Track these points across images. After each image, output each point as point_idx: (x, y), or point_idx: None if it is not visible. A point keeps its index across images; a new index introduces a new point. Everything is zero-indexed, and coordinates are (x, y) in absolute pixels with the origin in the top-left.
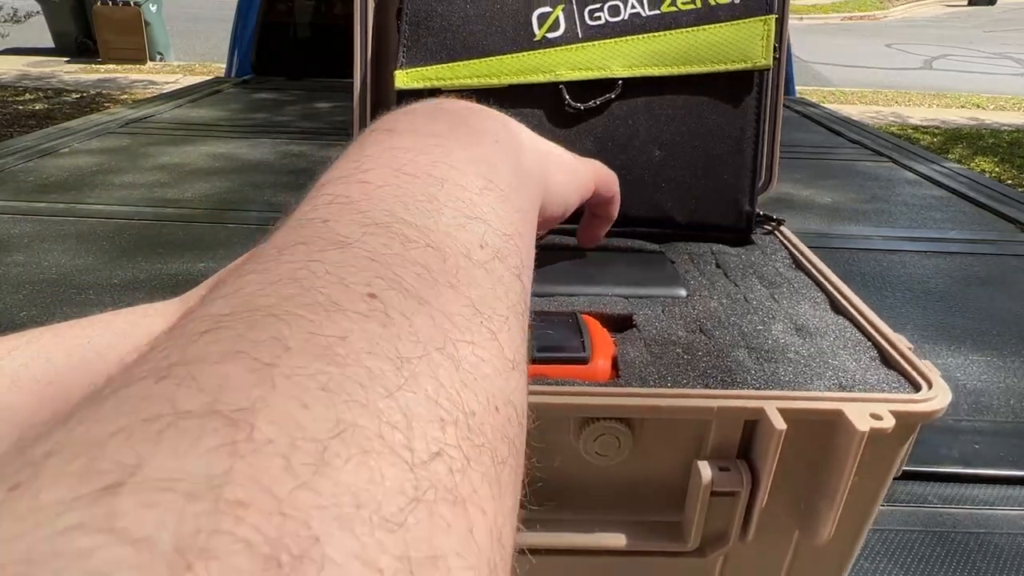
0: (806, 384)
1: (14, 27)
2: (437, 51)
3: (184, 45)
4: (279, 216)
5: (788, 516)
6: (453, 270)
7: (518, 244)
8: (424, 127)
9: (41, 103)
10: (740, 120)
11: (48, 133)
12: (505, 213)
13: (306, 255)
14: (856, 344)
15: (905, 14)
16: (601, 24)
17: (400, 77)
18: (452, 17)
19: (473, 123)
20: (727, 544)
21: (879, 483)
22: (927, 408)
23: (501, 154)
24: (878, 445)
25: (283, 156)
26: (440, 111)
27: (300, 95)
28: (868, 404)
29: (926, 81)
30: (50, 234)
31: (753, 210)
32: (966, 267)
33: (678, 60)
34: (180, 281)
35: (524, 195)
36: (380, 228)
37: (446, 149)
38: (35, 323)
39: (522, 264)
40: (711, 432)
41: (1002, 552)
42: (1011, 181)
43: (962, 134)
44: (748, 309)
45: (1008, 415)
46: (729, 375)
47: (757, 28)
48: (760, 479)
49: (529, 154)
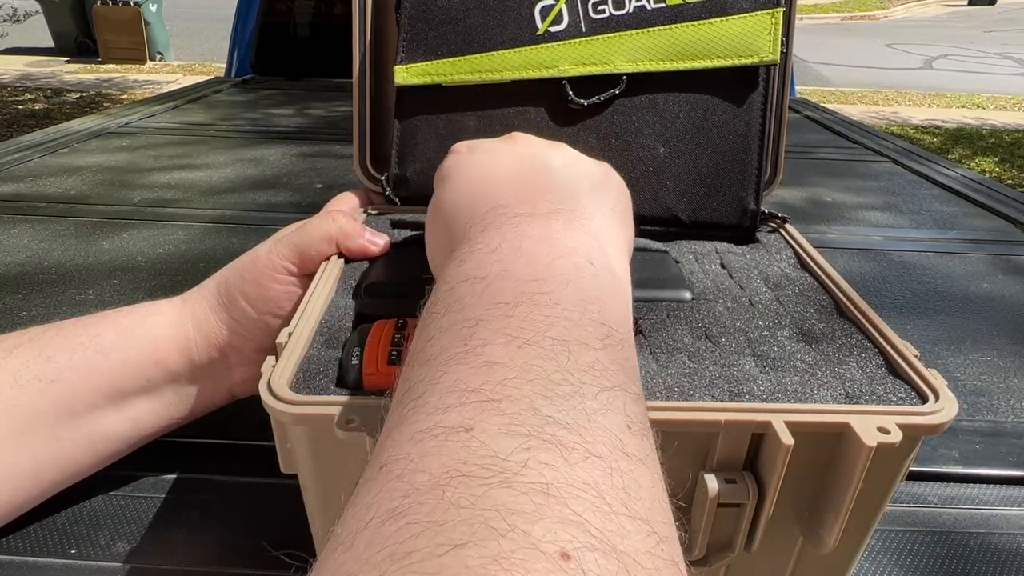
0: (812, 395)
1: (14, 27)
2: (437, 46)
3: (184, 45)
4: (279, 216)
5: (793, 525)
6: (619, 488)
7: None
8: (516, 269)
9: (41, 103)
10: (746, 116)
11: (48, 133)
12: (631, 362)
13: (472, 498)
14: (862, 351)
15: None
16: (605, 18)
17: (400, 73)
18: (452, 11)
19: (558, 251)
20: (732, 553)
21: (884, 492)
22: (934, 421)
23: (594, 280)
24: (884, 456)
25: (283, 156)
26: (519, 247)
27: (300, 95)
28: (875, 417)
29: (926, 81)
30: (50, 234)
31: (758, 208)
32: (966, 267)
33: (683, 55)
34: (180, 281)
35: (626, 306)
36: (536, 442)
37: (552, 294)
38: (35, 323)
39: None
40: (718, 444)
41: (1002, 552)
42: (1011, 181)
43: (962, 134)
44: (754, 314)
45: (1008, 415)
46: (736, 385)
47: (764, 22)
48: (766, 491)
49: (616, 260)
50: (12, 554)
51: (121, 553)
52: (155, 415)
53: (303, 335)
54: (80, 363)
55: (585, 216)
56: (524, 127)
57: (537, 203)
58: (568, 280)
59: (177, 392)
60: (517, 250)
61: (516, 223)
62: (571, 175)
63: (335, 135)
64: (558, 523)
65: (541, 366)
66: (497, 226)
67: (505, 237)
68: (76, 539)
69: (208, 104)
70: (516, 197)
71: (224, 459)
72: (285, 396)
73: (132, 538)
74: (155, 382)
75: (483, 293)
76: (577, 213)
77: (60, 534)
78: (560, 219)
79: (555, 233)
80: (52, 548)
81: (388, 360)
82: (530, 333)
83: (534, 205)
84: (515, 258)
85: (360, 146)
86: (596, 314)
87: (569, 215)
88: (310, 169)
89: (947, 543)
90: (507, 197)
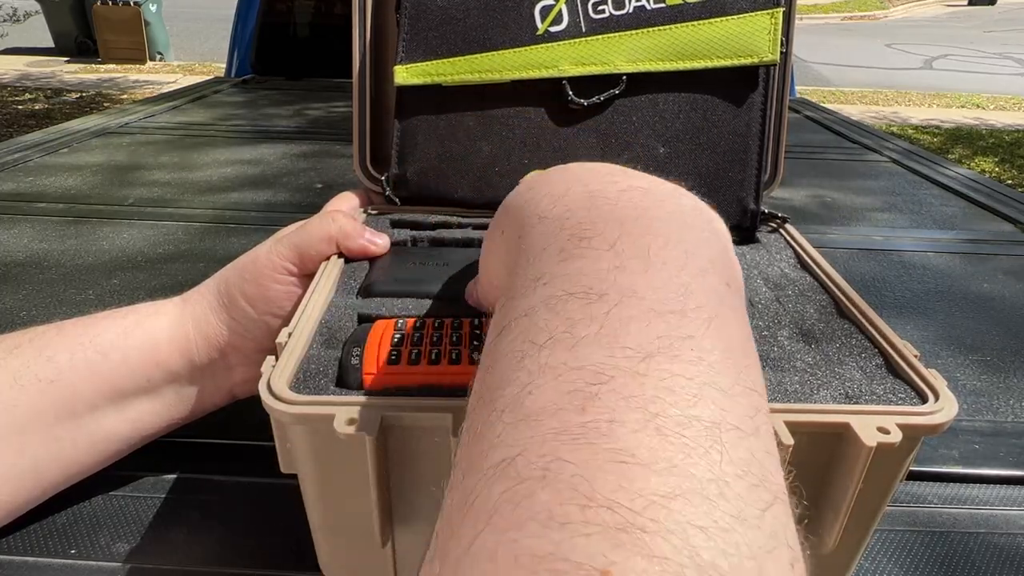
0: (812, 395)
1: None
2: (437, 46)
3: (184, 45)
4: (279, 216)
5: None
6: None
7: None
8: (643, 285)
9: (41, 103)
10: (746, 116)
11: (48, 133)
12: (775, 449)
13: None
14: (862, 351)
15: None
16: (605, 18)
17: (399, 73)
18: (452, 11)
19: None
20: None
21: (884, 492)
22: (934, 421)
23: (735, 316)
24: (884, 456)
25: (283, 156)
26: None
27: (300, 95)
28: (875, 417)
29: (926, 81)
30: (50, 234)
31: (759, 208)
32: (966, 267)
33: (683, 55)
34: (180, 281)
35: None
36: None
37: (695, 341)
38: (35, 323)
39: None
40: None
41: (1003, 552)
42: (1011, 181)
43: (962, 134)
44: (753, 314)
45: (1008, 415)
46: None
47: (764, 22)
48: None
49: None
50: (12, 554)
51: (121, 553)
52: (155, 415)
53: (303, 335)
54: (80, 363)
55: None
56: (524, 127)
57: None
58: (710, 318)
59: (177, 392)
60: (645, 255)
61: (635, 199)
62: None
63: (335, 135)
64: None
65: (691, 471)
66: (610, 201)
67: (625, 226)
68: (76, 539)
69: (208, 104)
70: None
71: (224, 459)
72: (285, 396)
73: (132, 538)
74: (155, 382)
75: (604, 324)
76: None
77: (60, 534)
78: (684, 193)
79: (689, 228)
80: (52, 548)
81: (388, 360)
82: (672, 408)
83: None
84: (642, 267)
85: (360, 146)
86: (743, 375)
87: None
88: (310, 169)
89: (947, 543)
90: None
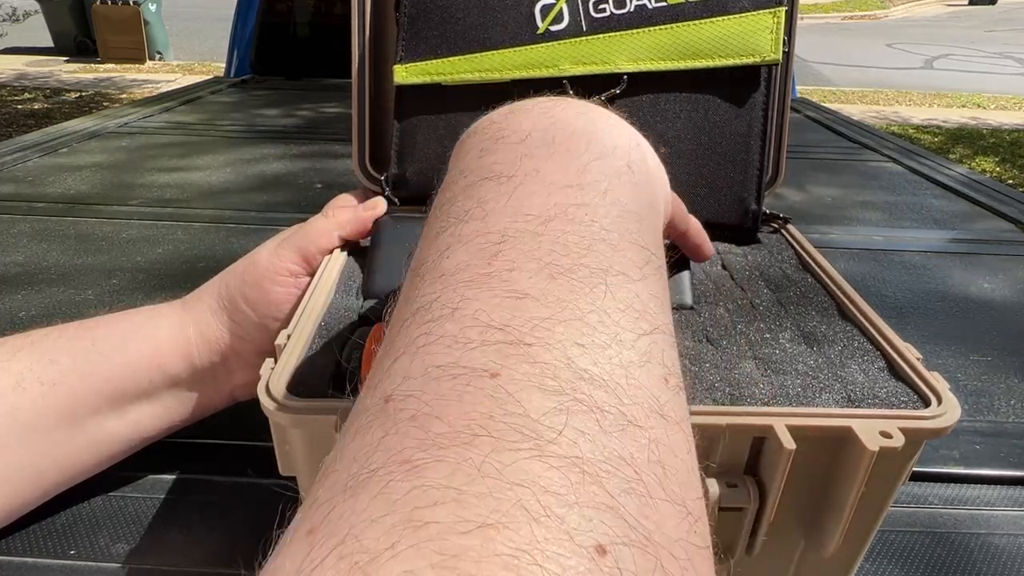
0: (814, 398)
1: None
2: (437, 45)
3: (183, 44)
4: (279, 216)
5: (794, 528)
6: (656, 463)
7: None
8: (548, 169)
9: (40, 103)
10: (748, 116)
11: (47, 133)
12: (665, 292)
13: (499, 466)
14: (864, 353)
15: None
16: (606, 16)
17: (399, 72)
18: (452, 10)
19: (592, 147)
20: (732, 558)
21: (886, 496)
22: (937, 425)
23: (634, 191)
24: (887, 460)
25: (282, 156)
26: (549, 135)
27: (300, 95)
28: (877, 421)
29: (927, 81)
30: (49, 234)
31: (760, 208)
32: (966, 267)
33: (685, 54)
34: (180, 281)
35: (660, 219)
36: (571, 403)
37: (588, 208)
38: (35, 323)
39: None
40: (719, 448)
41: (1003, 553)
42: (1012, 181)
43: (963, 134)
44: (755, 316)
45: (1009, 415)
46: (737, 388)
47: (766, 21)
48: (768, 495)
49: (641, 165)
50: (12, 555)
51: (121, 553)
52: (155, 418)
53: (301, 338)
54: (82, 366)
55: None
56: None
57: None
58: (606, 190)
59: (178, 395)
60: (550, 143)
61: (547, 107)
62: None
63: (335, 135)
64: (593, 509)
65: (576, 304)
66: (526, 110)
67: (536, 123)
68: (76, 539)
69: (207, 104)
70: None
71: (224, 459)
72: (283, 399)
73: (132, 538)
74: (156, 385)
75: (510, 198)
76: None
77: (60, 535)
78: (598, 106)
79: (595, 122)
80: (52, 548)
81: None
82: (564, 259)
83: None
84: (547, 153)
85: (359, 146)
86: (635, 234)
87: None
88: (310, 169)
89: (948, 544)
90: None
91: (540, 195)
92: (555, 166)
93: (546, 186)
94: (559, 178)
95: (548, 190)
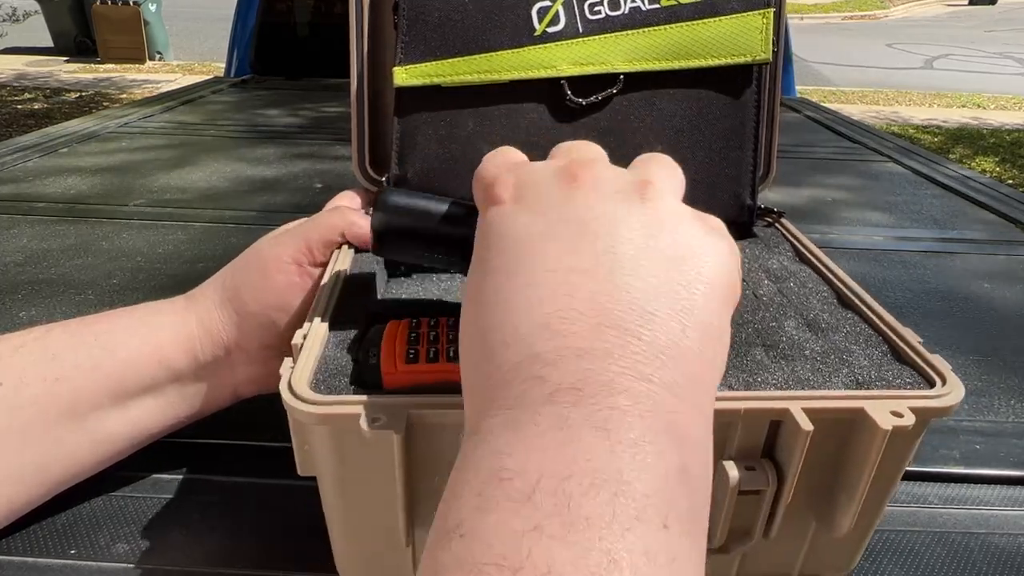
0: (825, 382)
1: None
2: (436, 47)
3: (183, 44)
4: (279, 216)
5: (807, 510)
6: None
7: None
8: (562, 557)
9: (40, 103)
10: (740, 114)
11: (47, 133)
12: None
13: None
14: (867, 339)
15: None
16: (601, 18)
17: (399, 74)
18: (451, 12)
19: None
20: (751, 541)
21: (895, 474)
22: (944, 404)
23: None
24: (898, 439)
25: (282, 156)
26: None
27: (300, 95)
28: (888, 402)
29: (927, 81)
30: (49, 234)
31: (754, 203)
32: (966, 267)
33: (679, 54)
34: (180, 280)
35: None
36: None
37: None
38: (35, 323)
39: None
40: (736, 433)
41: (1003, 553)
42: (1012, 181)
43: (963, 134)
44: (759, 305)
45: (1009, 415)
46: (750, 375)
47: (756, 22)
48: (785, 478)
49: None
50: (12, 554)
51: (121, 553)
52: (159, 414)
53: (318, 336)
54: (85, 361)
55: (665, 369)
56: (523, 127)
57: (593, 341)
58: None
59: (181, 391)
60: (564, 508)
61: (559, 415)
62: (649, 272)
63: (335, 135)
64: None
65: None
66: (531, 416)
67: (547, 454)
68: (76, 539)
69: (207, 104)
70: (562, 324)
71: (225, 459)
72: (307, 397)
73: (132, 538)
74: (159, 381)
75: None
76: (656, 366)
77: (60, 534)
78: (625, 396)
79: (615, 433)
80: (52, 548)
81: (406, 359)
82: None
83: (586, 351)
84: (561, 530)
85: (359, 147)
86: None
87: (640, 377)
88: (309, 169)
89: (947, 543)
90: (551, 326)
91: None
92: (571, 555)
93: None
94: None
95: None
